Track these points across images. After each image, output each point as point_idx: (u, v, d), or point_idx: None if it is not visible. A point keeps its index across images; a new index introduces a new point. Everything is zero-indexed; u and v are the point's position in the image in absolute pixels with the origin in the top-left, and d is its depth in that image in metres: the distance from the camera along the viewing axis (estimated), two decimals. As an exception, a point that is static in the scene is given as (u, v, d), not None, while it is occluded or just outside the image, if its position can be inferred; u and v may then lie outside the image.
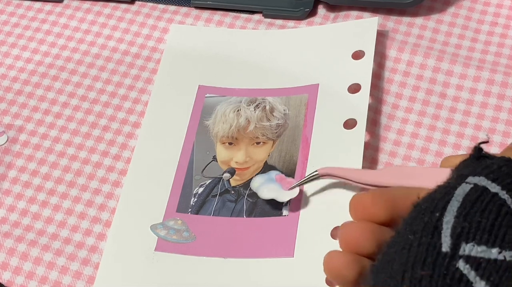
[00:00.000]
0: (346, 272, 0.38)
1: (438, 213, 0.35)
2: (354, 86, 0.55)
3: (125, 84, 0.59)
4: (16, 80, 0.60)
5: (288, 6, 0.62)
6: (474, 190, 0.35)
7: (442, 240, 0.34)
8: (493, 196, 0.35)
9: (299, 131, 0.54)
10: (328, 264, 0.40)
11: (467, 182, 0.36)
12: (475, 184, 0.36)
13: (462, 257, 0.33)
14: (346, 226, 0.40)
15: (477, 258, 0.33)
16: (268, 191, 0.50)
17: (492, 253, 0.33)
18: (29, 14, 0.64)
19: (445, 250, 0.33)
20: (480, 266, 0.33)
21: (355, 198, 0.41)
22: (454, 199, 0.35)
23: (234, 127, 0.55)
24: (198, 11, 0.63)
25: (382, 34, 0.59)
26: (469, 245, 0.33)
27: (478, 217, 0.34)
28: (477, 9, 0.61)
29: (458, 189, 0.36)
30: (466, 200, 0.35)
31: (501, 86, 0.56)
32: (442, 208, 0.35)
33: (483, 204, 0.35)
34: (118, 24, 0.62)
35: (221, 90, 0.57)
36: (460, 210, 0.35)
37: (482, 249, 0.33)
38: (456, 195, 0.35)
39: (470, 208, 0.34)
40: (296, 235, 0.49)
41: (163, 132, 0.55)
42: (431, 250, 0.33)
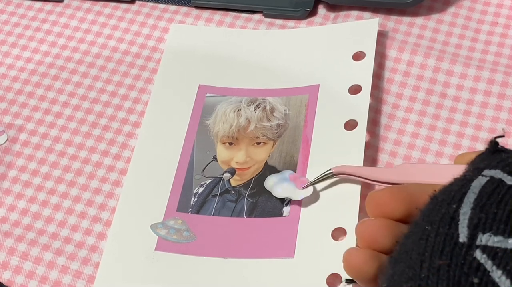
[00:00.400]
0: (365, 268, 0.39)
1: (455, 204, 0.35)
2: (355, 87, 0.55)
3: (125, 84, 0.59)
4: (16, 80, 0.60)
5: (288, 6, 0.62)
6: (491, 182, 0.36)
7: (460, 231, 0.34)
8: (509, 188, 0.35)
9: (300, 132, 0.54)
10: (347, 261, 0.40)
11: (484, 175, 0.36)
12: (492, 177, 0.36)
13: (479, 247, 0.33)
14: (363, 223, 0.41)
15: (493, 247, 0.33)
16: (282, 190, 0.50)
17: (508, 243, 0.33)
18: (29, 14, 0.64)
19: (462, 240, 0.34)
20: (497, 256, 0.33)
21: (372, 195, 0.42)
22: (471, 191, 0.36)
23: (234, 127, 0.55)
24: (198, 11, 0.63)
25: (382, 34, 0.59)
26: (486, 235, 0.34)
27: (494, 208, 0.34)
28: (477, 9, 0.61)
29: (474, 181, 0.36)
30: (483, 192, 0.35)
31: (501, 86, 0.56)
32: (459, 200, 0.35)
33: (499, 196, 0.35)
34: (119, 24, 0.62)
35: (221, 90, 0.57)
36: (476, 202, 0.35)
37: (498, 239, 0.33)
38: (473, 187, 0.36)
39: (487, 199, 0.35)
40: (296, 235, 0.49)
41: (163, 131, 0.55)
42: (449, 240, 0.34)
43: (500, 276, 0.32)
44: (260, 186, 0.51)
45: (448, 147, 0.53)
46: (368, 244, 0.40)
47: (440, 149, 0.53)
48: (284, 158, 0.53)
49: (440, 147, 0.53)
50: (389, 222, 0.40)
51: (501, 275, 0.32)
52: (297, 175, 0.51)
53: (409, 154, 0.53)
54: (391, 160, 0.53)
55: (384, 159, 0.53)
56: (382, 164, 0.53)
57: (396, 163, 0.52)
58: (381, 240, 0.39)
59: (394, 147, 0.53)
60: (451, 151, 0.53)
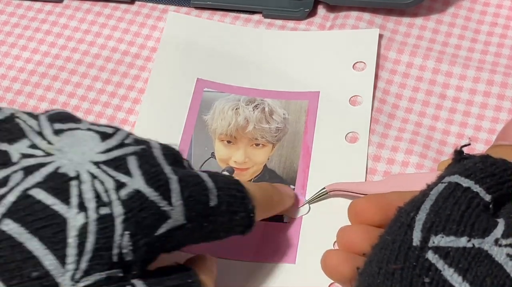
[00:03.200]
0: (340, 269, 0.40)
1: (413, 212, 0.36)
2: (356, 99, 0.55)
3: (125, 84, 0.59)
4: (16, 80, 0.60)
5: (288, 7, 0.62)
6: (448, 187, 0.37)
7: (414, 236, 0.35)
8: (465, 190, 0.36)
9: (300, 138, 0.54)
10: (324, 262, 0.42)
11: (443, 182, 0.37)
12: (449, 182, 0.37)
13: (431, 248, 0.34)
14: (343, 229, 0.42)
15: (445, 247, 0.34)
16: None
17: (460, 242, 0.34)
18: (29, 14, 0.64)
19: (415, 244, 0.35)
20: (449, 255, 0.34)
21: (352, 203, 0.43)
22: (429, 198, 0.37)
23: (232, 125, 0.55)
24: (198, 11, 0.63)
25: (381, 36, 0.59)
26: (438, 237, 0.35)
27: (448, 211, 0.36)
28: (476, 9, 0.61)
29: (434, 189, 0.37)
30: (439, 197, 0.36)
31: (500, 87, 0.56)
32: (417, 208, 0.36)
33: (455, 198, 0.36)
34: (118, 24, 0.62)
35: (220, 86, 0.57)
36: (432, 207, 0.36)
37: (450, 239, 0.34)
38: (431, 194, 0.37)
39: (442, 203, 0.36)
40: (298, 241, 0.49)
41: (160, 123, 0.55)
42: (403, 245, 0.35)
43: (452, 274, 0.33)
44: (259, 187, 0.51)
45: (448, 147, 0.53)
46: (346, 247, 0.41)
47: (440, 148, 0.53)
48: (284, 163, 0.53)
49: (440, 146, 0.53)
50: (367, 227, 0.41)
51: (453, 273, 0.33)
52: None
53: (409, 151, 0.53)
54: (392, 156, 0.53)
55: (385, 155, 0.53)
56: (382, 163, 0.52)
57: (397, 161, 0.52)
58: (358, 244, 0.40)
59: (395, 143, 0.53)
60: (451, 151, 0.53)
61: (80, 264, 0.35)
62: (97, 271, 0.35)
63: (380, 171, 0.52)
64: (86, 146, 0.39)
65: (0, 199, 0.36)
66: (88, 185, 0.37)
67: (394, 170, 0.52)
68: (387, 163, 0.52)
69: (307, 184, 0.51)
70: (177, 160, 0.42)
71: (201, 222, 0.40)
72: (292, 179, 0.52)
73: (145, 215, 0.37)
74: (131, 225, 0.36)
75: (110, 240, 0.36)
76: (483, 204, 0.36)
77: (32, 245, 0.34)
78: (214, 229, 0.41)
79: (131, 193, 0.37)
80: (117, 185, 0.37)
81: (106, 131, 0.40)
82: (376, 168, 0.52)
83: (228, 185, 0.42)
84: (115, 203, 0.36)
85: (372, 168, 0.52)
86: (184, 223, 0.39)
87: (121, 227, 0.36)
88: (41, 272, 0.34)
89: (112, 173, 0.38)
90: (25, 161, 0.37)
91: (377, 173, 0.52)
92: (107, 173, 0.37)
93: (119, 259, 0.36)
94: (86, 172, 0.37)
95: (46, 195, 0.36)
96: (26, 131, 0.39)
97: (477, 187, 0.37)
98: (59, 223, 0.35)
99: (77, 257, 0.35)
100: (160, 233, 0.38)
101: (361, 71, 0.57)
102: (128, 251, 0.36)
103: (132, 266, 0.37)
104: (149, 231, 0.37)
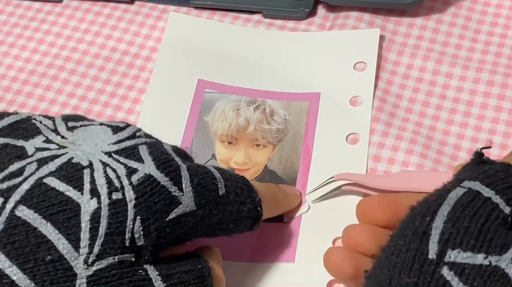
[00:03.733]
0: (343, 266, 0.40)
1: (429, 217, 0.35)
2: (356, 99, 0.55)
3: (124, 84, 0.59)
4: (15, 80, 0.59)
5: (287, 6, 0.62)
6: (467, 194, 0.36)
7: (430, 246, 0.34)
8: (485, 201, 0.35)
9: (300, 139, 0.54)
10: (327, 258, 0.42)
11: (462, 186, 0.36)
12: (469, 188, 0.36)
13: (447, 263, 0.33)
14: (349, 227, 0.42)
15: (461, 264, 0.33)
16: None
17: (477, 259, 0.33)
18: (28, 14, 0.64)
19: (431, 257, 0.34)
20: (464, 272, 0.33)
21: (361, 201, 0.43)
22: (446, 203, 0.36)
23: (233, 126, 0.54)
24: (197, 11, 0.63)
25: (381, 36, 0.59)
26: (455, 252, 0.34)
27: (467, 222, 0.34)
28: (477, 9, 0.61)
29: (451, 192, 0.36)
30: (458, 204, 0.35)
31: (501, 87, 0.56)
32: (433, 212, 0.35)
33: (474, 209, 0.35)
34: (118, 24, 0.62)
35: (221, 86, 0.57)
36: (450, 214, 0.35)
37: (467, 255, 0.34)
38: (449, 198, 0.36)
39: (461, 212, 0.35)
40: (297, 241, 0.49)
41: (161, 124, 0.55)
42: (418, 256, 0.34)
43: None
44: (259, 188, 0.51)
45: (448, 147, 0.53)
46: (351, 246, 0.41)
47: (440, 148, 0.53)
48: (284, 164, 0.53)
49: (440, 147, 0.53)
50: (373, 228, 0.41)
51: None
52: None
53: (410, 150, 0.53)
54: (393, 156, 0.53)
55: (386, 155, 0.53)
56: (383, 163, 0.52)
57: (396, 162, 0.52)
58: (363, 244, 0.40)
59: (395, 142, 0.53)
60: (451, 152, 0.53)
61: (93, 248, 0.36)
62: (110, 255, 0.36)
63: (380, 171, 0.52)
64: (99, 138, 0.40)
65: (15, 188, 0.36)
66: (100, 172, 0.37)
67: (395, 169, 0.52)
68: (388, 163, 0.52)
69: (307, 184, 0.51)
70: (185, 156, 0.43)
71: (210, 209, 0.40)
72: (293, 179, 0.52)
73: (157, 200, 0.38)
74: (143, 209, 0.37)
75: (123, 225, 0.36)
76: (502, 217, 0.35)
77: (46, 230, 0.35)
78: (223, 219, 0.42)
79: (142, 178, 0.38)
80: (129, 171, 0.38)
81: (118, 125, 0.41)
82: (377, 167, 0.52)
83: (234, 177, 0.43)
84: (127, 188, 0.37)
85: (373, 168, 0.52)
86: (194, 210, 0.39)
87: (133, 211, 0.37)
88: (55, 256, 0.35)
89: (123, 161, 0.38)
90: (39, 153, 0.38)
91: (377, 173, 0.52)
92: (118, 160, 0.38)
93: (131, 244, 0.37)
94: (98, 161, 0.38)
95: (59, 183, 0.37)
96: (41, 129, 0.40)
97: (498, 198, 0.36)
98: (72, 208, 0.36)
99: (90, 241, 0.36)
100: (171, 218, 0.38)
101: (361, 71, 0.57)
102: (139, 235, 0.37)
103: (143, 251, 0.37)
104: (160, 215, 0.38)
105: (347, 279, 0.41)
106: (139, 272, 0.37)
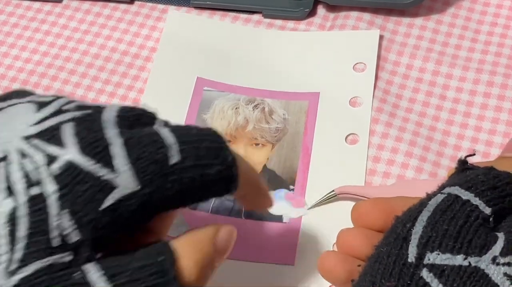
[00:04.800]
0: (337, 270, 0.40)
1: (409, 223, 0.36)
2: (356, 100, 0.55)
3: (124, 84, 0.59)
4: (15, 81, 0.60)
5: (287, 6, 0.62)
6: (446, 199, 0.36)
7: (409, 251, 0.34)
8: (464, 203, 0.36)
9: (299, 139, 0.54)
10: (321, 262, 0.41)
11: (442, 192, 0.37)
12: (449, 193, 0.36)
13: (426, 265, 0.34)
14: (343, 231, 0.41)
15: (441, 265, 0.33)
16: (278, 209, 0.50)
17: (456, 260, 0.34)
18: (28, 15, 0.64)
19: (410, 260, 0.34)
20: (444, 274, 0.33)
21: (356, 205, 0.42)
22: (426, 209, 0.36)
23: (232, 125, 0.54)
24: (197, 11, 0.63)
25: (381, 36, 0.59)
26: (434, 254, 0.34)
27: (445, 225, 0.35)
28: (476, 9, 0.61)
29: (432, 199, 0.37)
30: (437, 209, 0.36)
31: (501, 88, 0.56)
32: (414, 219, 0.36)
33: (453, 212, 0.35)
34: (118, 24, 0.62)
35: (220, 85, 0.57)
36: (429, 219, 0.35)
37: (446, 257, 0.34)
38: (429, 205, 0.36)
39: (440, 216, 0.35)
40: (297, 243, 0.49)
41: None
42: (398, 261, 0.34)
43: None
44: (259, 188, 0.51)
45: (448, 148, 0.53)
46: (345, 250, 0.41)
47: (440, 149, 0.53)
48: (283, 163, 0.53)
49: (440, 147, 0.53)
50: (367, 231, 0.40)
51: None
52: (293, 195, 0.51)
53: (410, 151, 0.53)
54: (392, 157, 0.53)
55: (385, 157, 0.53)
56: (382, 163, 0.52)
57: (395, 164, 0.52)
58: (357, 248, 0.40)
59: (395, 144, 0.53)
60: (451, 152, 0.53)
61: (13, 254, 0.31)
62: (36, 259, 0.32)
63: (380, 172, 0.52)
64: (18, 120, 0.35)
65: None
66: (15, 165, 0.33)
67: (394, 171, 0.52)
68: (387, 164, 0.52)
69: (307, 184, 0.51)
70: (139, 121, 0.37)
71: (161, 184, 0.35)
72: (292, 179, 0.52)
73: (84, 188, 0.33)
74: (68, 201, 0.33)
75: (46, 222, 0.32)
76: (482, 217, 0.35)
77: None
78: (184, 189, 0.36)
79: (63, 166, 0.33)
80: (48, 160, 0.33)
81: (45, 100, 0.37)
82: (376, 169, 0.52)
83: (199, 136, 0.37)
84: (46, 180, 0.33)
85: (372, 169, 0.52)
86: (138, 190, 0.34)
87: (57, 205, 0.33)
88: None
89: (43, 147, 0.34)
90: None
91: (376, 173, 0.52)
92: (37, 147, 0.34)
93: (62, 242, 0.32)
94: (15, 151, 0.34)
95: None
96: None
97: (477, 200, 0.36)
98: None
99: (9, 246, 0.32)
100: (107, 206, 0.33)
101: (361, 72, 0.57)
102: (71, 231, 0.32)
103: (81, 248, 0.33)
104: (92, 205, 0.33)
105: (340, 284, 0.40)
106: (74, 275, 0.32)
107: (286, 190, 0.51)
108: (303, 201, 0.51)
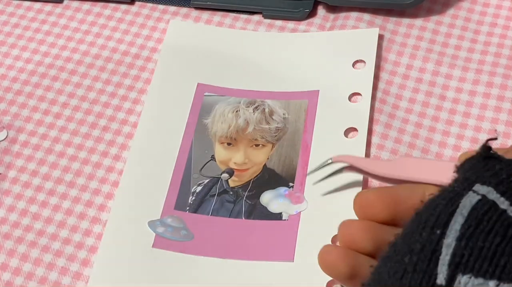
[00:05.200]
0: (338, 265, 0.38)
1: (439, 229, 0.33)
2: (355, 96, 0.55)
3: (124, 84, 0.59)
4: (15, 81, 0.60)
5: (287, 7, 0.62)
6: (482, 204, 0.33)
7: (439, 270, 0.32)
8: (501, 214, 0.33)
9: (299, 137, 0.54)
10: (322, 257, 0.40)
11: (475, 191, 0.34)
12: (484, 196, 0.33)
13: None
14: (345, 223, 0.40)
15: None
16: (278, 206, 0.51)
17: (489, 286, 0.31)
18: (29, 15, 0.64)
19: (440, 282, 0.31)
20: None
21: (359, 194, 0.40)
22: (459, 213, 0.33)
23: (233, 127, 0.55)
24: (198, 12, 0.63)
25: (381, 37, 0.59)
26: (465, 277, 0.31)
27: (481, 241, 0.32)
28: (476, 10, 0.61)
29: (464, 198, 0.33)
30: (472, 215, 0.33)
31: (500, 88, 0.56)
32: (444, 223, 0.33)
33: (490, 224, 0.32)
34: (118, 25, 0.62)
35: (220, 89, 0.57)
36: (463, 229, 0.32)
37: (478, 282, 0.31)
38: (462, 206, 0.33)
39: (475, 227, 0.32)
40: (296, 239, 0.49)
41: (161, 127, 0.55)
42: (426, 280, 0.32)
43: None
44: (259, 188, 0.52)
45: (448, 149, 0.53)
46: (347, 243, 0.39)
47: (440, 151, 0.53)
48: (283, 162, 0.53)
49: (440, 149, 0.53)
50: (371, 224, 0.39)
51: None
52: (293, 192, 0.51)
53: (410, 153, 0.53)
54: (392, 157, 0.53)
55: (385, 157, 0.53)
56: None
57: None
58: (359, 242, 0.38)
59: (395, 145, 0.53)
60: (450, 153, 0.53)
61: None
62: None
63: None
64: None
65: None
66: None
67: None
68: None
69: (306, 181, 0.51)
70: None
71: None
72: (291, 176, 0.52)
73: None
74: None
75: None
76: None
77: None
78: None
79: None
80: None
81: None
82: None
83: None
84: None
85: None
86: None
87: None
88: None
89: None
90: None
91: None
92: None
93: None
94: None
95: None
96: None
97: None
98: None
99: None
100: None
101: (360, 69, 0.57)
102: None
103: None
104: None
105: (343, 279, 0.39)
106: None
107: (286, 188, 0.52)
108: (302, 198, 0.51)
